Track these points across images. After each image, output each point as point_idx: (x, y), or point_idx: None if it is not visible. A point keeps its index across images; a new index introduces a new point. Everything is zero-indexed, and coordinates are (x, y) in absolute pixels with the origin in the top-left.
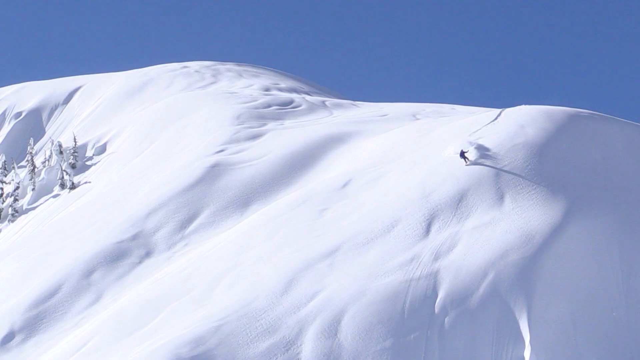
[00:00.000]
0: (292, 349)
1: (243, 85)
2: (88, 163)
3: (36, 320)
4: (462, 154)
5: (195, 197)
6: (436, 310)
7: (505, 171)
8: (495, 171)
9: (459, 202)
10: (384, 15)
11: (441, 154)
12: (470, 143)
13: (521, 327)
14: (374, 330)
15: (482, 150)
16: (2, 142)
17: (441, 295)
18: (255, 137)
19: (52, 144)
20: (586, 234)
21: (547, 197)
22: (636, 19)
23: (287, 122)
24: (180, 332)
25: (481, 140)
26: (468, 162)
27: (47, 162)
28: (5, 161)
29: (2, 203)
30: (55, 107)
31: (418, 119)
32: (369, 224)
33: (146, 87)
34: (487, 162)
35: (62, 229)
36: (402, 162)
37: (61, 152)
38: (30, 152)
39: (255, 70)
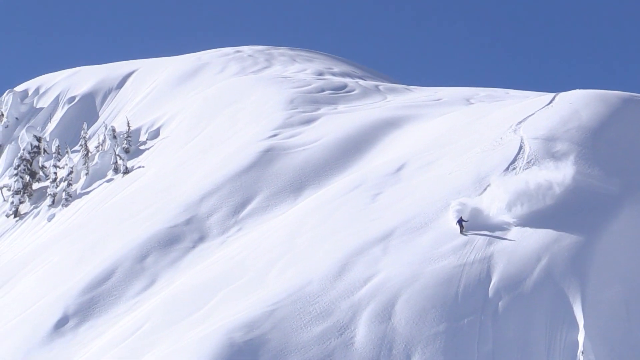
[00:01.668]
0: (345, 333)
1: (296, 70)
2: (141, 147)
3: (90, 305)
4: (460, 222)
5: (248, 182)
6: (490, 294)
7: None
8: (549, 155)
9: None
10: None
11: (500, 138)
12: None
13: (575, 311)
14: (427, 315)
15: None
16: (56, 126)
17: (495, 279)
18: (308, 121)
19: (106, 128)
20: (639, 218)
21: (600, 180)
22: None
23: (341, 107)
24: (234, 317)
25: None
26: (463, 231)
27: (100, 146)
28: (59, 146)
29: (56, 187)
30: (109, 91)
31: (472, 104)
32: (423, 209)
33: (199, 71)
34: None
35: (115, 214)
36: (456, 146)
37: (115, 137)
38: (84, 137)
39: (308, 54)
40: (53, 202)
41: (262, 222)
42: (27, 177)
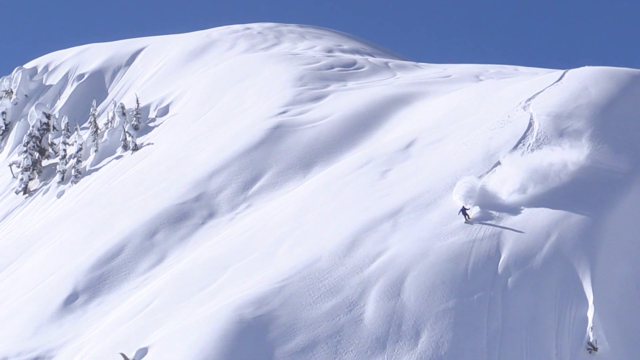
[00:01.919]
0: (355, 309)
1: (305, 47)
2: (151, 125)
3: (99, 281)
4: (463, 211)
5: (258, 159)
6: (499, 270)
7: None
8: (558, 132)
9: None
10: None
11: (508, 115)
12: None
13: (584, 287)
14: (437, 291)
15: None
16: (65, 103)
17: (504, 255)
18: (317, 98)
19: (115, 105)
20: None
21: (610, 158)
22: None
23: (350, 84)
24: (243, 293)
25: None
26: (468, 219)
27: (109, 123)
28: (68, 123)
29: (65, 164)
30: (118, 68)
31: (481, 80)
32: (432, 185)
33: (208, 48)
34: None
35: (124, 190)
36: (466, 123)
37: (124, 114)
38: (93, 114)
39: (317, 31)
40: (62, 178)
41: (271, 199)
42: (37, 154)
